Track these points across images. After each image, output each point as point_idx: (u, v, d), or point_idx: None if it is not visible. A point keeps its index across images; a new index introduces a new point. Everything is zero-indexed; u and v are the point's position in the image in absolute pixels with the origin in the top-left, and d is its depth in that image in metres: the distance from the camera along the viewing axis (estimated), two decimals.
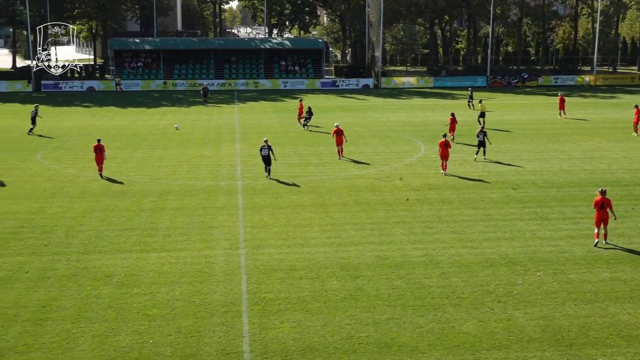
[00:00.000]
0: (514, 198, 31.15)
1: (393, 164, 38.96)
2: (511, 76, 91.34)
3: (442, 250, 24.08)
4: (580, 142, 45.99)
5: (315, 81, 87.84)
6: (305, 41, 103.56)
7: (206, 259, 23.11)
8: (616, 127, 52.92)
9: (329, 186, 33.37)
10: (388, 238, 25.37)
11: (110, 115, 61.99)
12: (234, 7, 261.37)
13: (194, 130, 52.07)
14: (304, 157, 40.81)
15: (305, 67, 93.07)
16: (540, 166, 38.09)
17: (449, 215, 28.34)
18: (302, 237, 25.43)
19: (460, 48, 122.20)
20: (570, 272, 21.99)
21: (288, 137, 48.07)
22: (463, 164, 38.54)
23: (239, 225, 26.96)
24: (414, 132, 50.24)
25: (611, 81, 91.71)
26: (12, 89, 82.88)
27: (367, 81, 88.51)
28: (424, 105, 68.85)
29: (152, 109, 66.31)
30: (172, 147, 44.37)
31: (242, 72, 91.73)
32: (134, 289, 20.65)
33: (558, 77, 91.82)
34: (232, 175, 35.79)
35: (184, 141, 46.78)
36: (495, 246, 24.48)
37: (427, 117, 58.86)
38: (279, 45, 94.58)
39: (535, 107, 66.08)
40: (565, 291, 20.54)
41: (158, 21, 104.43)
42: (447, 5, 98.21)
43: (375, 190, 32.61)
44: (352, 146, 44.29)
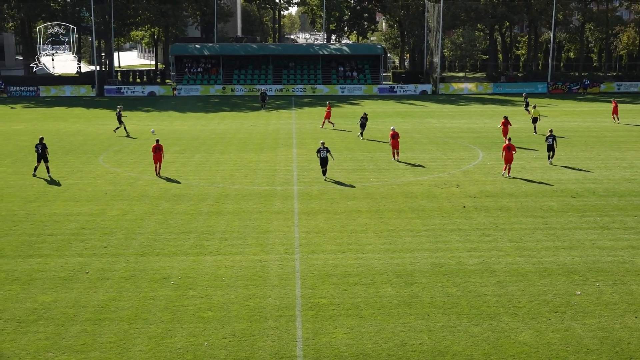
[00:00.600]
0: (573, 206, 30.56)
1: (450, 170, 38.64)
2: (572, 83, 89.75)
3: (498, 258, 23.77)
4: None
5: (373, 87, 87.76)
6: (364, 47, 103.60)
7: (261, 263, 23.28)
8: None
9: (384, 192, 33.27)
10: (444, 245, 25.17)
11: (170, 119, 63.00)
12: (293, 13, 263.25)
13: (251, 135, 52.54)
14: (360, 163, 40.78)
15: (363, 72, 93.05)
16: (601, 174, 37.30)
17: (506, 223, 27.96)
18: (357, 243, 25.41)
19: (521, 54, 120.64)
20: (631, 283, 21.46)
21: (344, 143, 48.11)
22: (521, 171, 37.98)
23: (294, 230, 27.07)
24: (471, 139, 49.75)
25: None
26: (77, 94, 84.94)
27: (425, 87, 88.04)
28: (483, 111, 68.11)
29: (210, 114, 67.16)
30: (230, 152, 44.85)
31: (300, 77, 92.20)
32: (190, 292, 20.92)
33: (621, 84, 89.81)
34: (289, 180, 35.98)
35: (242, 146, 47.24)
36: (553, 255, 24.06)
37: (486, 124, 58.20)
38: (337, 51, 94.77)
39: (596, 114, 64.74)
40: (626, 302, 20.05)
41: (218, 27, 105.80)
42: (508, 11, 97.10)
43: (432, 196, 32.38)
44: (409, 152, 44.09)
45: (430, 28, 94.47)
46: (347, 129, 54.78)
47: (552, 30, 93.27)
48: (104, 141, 49.72)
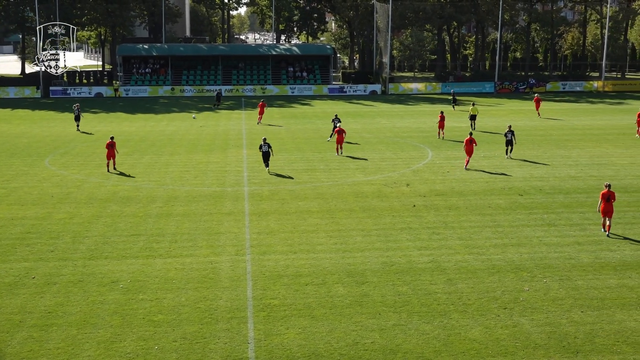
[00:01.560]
0: (520, 204, 31.08)
1: (400, 170, 38.94)
2: (519, 82, 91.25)
3: (448, 256, 24.04)
4: (588, 148, 45.87)
5: (322, 87, 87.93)
6: (313, 47, 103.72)
7: (212, 265, 23.13)
8: (624, 133, 52.76)
9: (335, 192, 33.37)
10: (394, 244, 25.35)
11: (118, 121, 62.19)
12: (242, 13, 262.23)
13: (201, 136, 52.19)
14: (311, 163, 40.83)
15: (313, 73, 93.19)
16: (548, 172, 38.01)
17: (456, 222, 28.30)
18: (308, 243, 25.43)
19: (468, 54, 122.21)
20: (577, 279, 21.91)
21: (295, 143, 48.12)
22: (469, 170, 38.46)
23: (245, 231, 26.98)
24: (421, 139, 50.22)
25: (620, 87, 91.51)
26: (21, 95, 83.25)
27: (375, 87, 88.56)
28: (432, 111, 68.78)
29: (159, 115, 66.51)
30: (179, 153, 44.48)
31: (250, 78, 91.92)
32: (140, 295, 20.67)
33: (566, 83, 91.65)
34: (239, 182, 35.84)
35: (192, 147, 46.89)
36: (501, 252, 24.42)
37: (435, 124, 58.72)
38: (287, 52, 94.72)
39: (542, 113, 65.88)
40: (572, 298, 20.46)
41: (166, 27, 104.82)
42: (456, 11, 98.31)
43: (382, 196, 32.59)
44: (359, 152, 44.31)
45: (379, 28, 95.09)
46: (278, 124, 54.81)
47: (499, 30, 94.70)
48: (50, 143, 48.83)
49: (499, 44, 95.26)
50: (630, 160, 41.58)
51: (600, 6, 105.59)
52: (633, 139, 49.44)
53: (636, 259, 23.74)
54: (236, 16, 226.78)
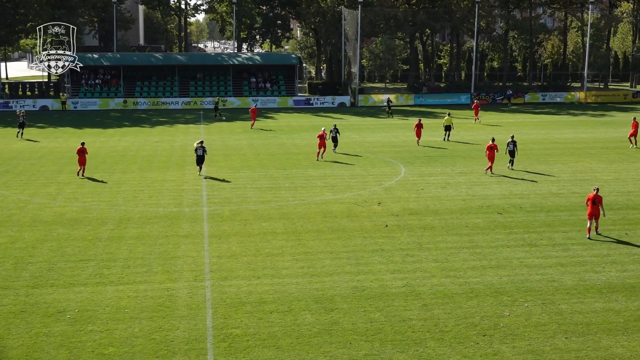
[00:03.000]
0: (500, 223, 31.30)
1: (371, 187, 39.04)
2: (496, 93, 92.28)
3: (423, 280, 24.08)
4: (571, 163, 46.45)
5: (287, 99, 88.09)
6: (277, 56, 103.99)
7: (168, 292, 22.91)
8: (608, 147, 53.55)
9: (302, 212, 33.33)
10: (365, 267, 25.35)
11: (66, 136, 61.62)
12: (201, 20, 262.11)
13: (156, 152, 51.89)
14: (276, 181, 40.78)
15: (277, 84, 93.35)
16: (528, 189, 38.37)
17: (431, 243, 28.40)
18: (273, 268, 25.33)
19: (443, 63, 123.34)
20: (561, 303, 22.07)
21: (258, 159, 48.07)
22: (446, 187, 38.73)
23: (204, 255, 26.80)
24: (393, 154, 50.46)
25: (602, 98, 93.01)
26: None
27: (344, 99, 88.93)
28: (405, 124, 69.23)
29: (110, 130, 66.04)
30: (132, 171, 44.15)
31: (209, 89, 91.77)
32: (89, 326, 20.38)
33: (546, 94, 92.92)
34: (197, 201, 35.65)
35: (146, 164, 46.58)
36: (480, 275, 24.54)
37: (408, 137, 59.13)
38: (249, 61, 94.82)
39: (522, 126, 66.68)
40: (555, 323, 20.60)
41: (118, 35, 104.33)
42: (429, 18, 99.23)
43: (352, 216, 32.62)
44: (327, 168, 44.39)
45: (347, 36, 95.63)
46: (240, 139, 54.76)
47: (475, 38, 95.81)
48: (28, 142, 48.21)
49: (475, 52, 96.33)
50: (614, 175, 42.16)
51: (581, 13, 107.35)
52: (617, 153, 50.17)
53: (622, 281, 24.01)
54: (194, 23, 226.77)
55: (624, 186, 39.18)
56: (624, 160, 47.41)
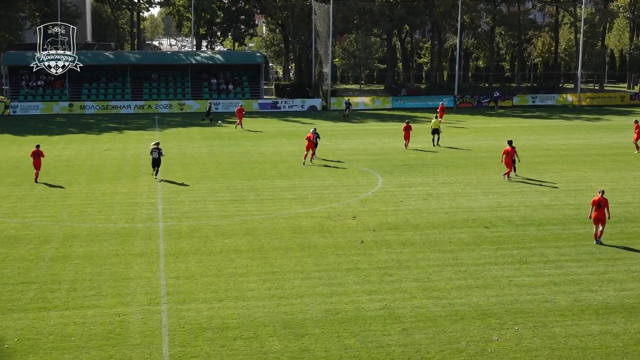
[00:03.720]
0: (487, 238, 31.49)
1: (345, 199, 39.10)
2: (482, 95, 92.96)
3: (403, 301, 24.13)
4: (564, 171, 46.89)
5: (252, 102, 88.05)
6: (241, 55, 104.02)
7: (120, 318, 22.75)
8: (604, 154, 54.15)
9: (268, 227, 33.29)
10: (339, 288, 25.35)
11: (4, 144, 61.10)
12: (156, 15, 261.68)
13: (106, 161, 51.61)
14: (239, 193, 40.71)
15: (241, 85, 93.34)
16: (517, 200, 38.66)
17: (411, 260, 28.48)
18: (237, 289, 25.25)
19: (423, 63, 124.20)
20: (554, 325, 22.22)
21: (220, 169, 47.98)
22: (427, 199, 38.91)
23: (160, 276, 26.66)
24: (369, 162, 50.62)
25: (598, 101, 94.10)
26: None
27: (314, 102, 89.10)
28: (382, 130, 69.49)
29: (54, 137, 65.58)
30: (79, 183, 43.87)
31: (165, 92, 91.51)
32: (30, 357, 20.18)
33: (536, 96, 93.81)
34: (152, 216, 35.48)
35: (95, 175, 46.30)
36: (465, 296, 24.63)
37: (385, 144, 59.39)
38: (209, 60, 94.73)
39: (510, 131, 67.22)
40: (548, 348, 20.73)
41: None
42: (408, 13, 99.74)
43: (324, 231, 32.64)
44: (297, 179, 44.41)
45: (318, 33, 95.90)
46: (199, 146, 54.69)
47: (458, 35, 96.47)
48: None
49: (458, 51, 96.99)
50: (612, 185, 42.60)
51: (574, 7, 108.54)
52: (614, 161, 50.74)
53: (621, 301, 24.23)
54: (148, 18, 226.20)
55: (622, 197, 39.61)
56: (621, 169, 47.96)
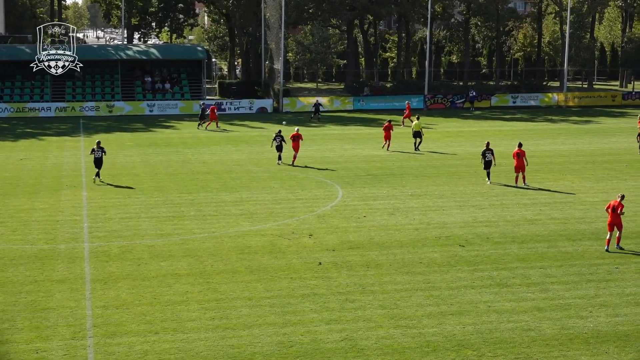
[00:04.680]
0: (462, 258, 31.65)
1: (300, 214, 39.10)
2: (456, 95, 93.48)
3: (367, 331, 24.15)
4: (549, 181, 47.32)
5: (193, 103, 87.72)
6: (179, 49, 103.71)
7: (38, 355, 22.51)
8: (594, 161, 54.80)
9: (212, 247, 33.17)
10: (294, 317, 25.31)
11: None
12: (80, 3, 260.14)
13: (22, 173, 51.09)
14: (178, 208, 40.54)
15: (179, 84, 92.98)
16: (496, 215, 38.94)
17: (376, 284, 28.53)
18: (175, 319, 25.10)
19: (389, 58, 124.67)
20: (539, 357, 22.38)
21: (155, 181, 47.74)
22: (394, 214, 39.04)
23: (85, 305, 26.43)
24: (327, 172, 50.68)
25: (586, 101, 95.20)
26: None
27: (264, 103, 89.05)
28: (342, 135, 69.63)
29: None
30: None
31: (91, 91, 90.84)
32: None
33: (517, 96, 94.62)
34: (77, 236, 35.20)
35: (9, 189, 45.83)
36: (438, 324, 24.72)
37: (346, 151, 59.55)
38: (143, 55, 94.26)
39: (488, 136, 67.56)
40: None
41: None
42: (371, 2, 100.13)
43: (276, 251, 32.59)
44: (244, 191, 44.35)
45: (269, 24, 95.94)
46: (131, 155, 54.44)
47: (429, 26, 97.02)
48: None
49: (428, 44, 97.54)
50: (602, 197, 43.05)
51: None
52: (605, 169, 51.33)
53: (613, 328, 24.47)
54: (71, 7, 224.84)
55: None
56: (613, 178, 48.53)
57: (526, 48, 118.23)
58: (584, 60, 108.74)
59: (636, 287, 28.14)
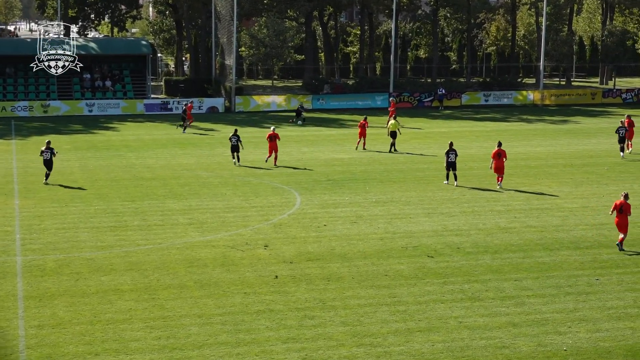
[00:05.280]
0: (431, 270, 31.77)
1: (254, 224, 39.06)
2: (424, 93, 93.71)
3: (328, 350, 24.17)
4: (524, 186, 47.62)
5: (136, 103, 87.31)
6: (121, 43, 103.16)
7: None
8: (573, 164, 55.22)
9: (158, 260, 33.05)
10: (248, 336, 25.28)
11: None
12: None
13: None
14: (120, 217, 40.34)
15: (121, 81, 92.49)
16: (468, 222, 39.13)
17: (338, 299, 28.56)
18: (118, 339, 24.98)
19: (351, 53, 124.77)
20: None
21: (95, 188, 47.49)
22: (357, 222, 39.11)
23: (18, 324, 26.24)
24: (284, 177, 50.67)
25: (564, 99, 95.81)
26: None
27: (215, 102, 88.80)
28: (300, 137, 69.64)
29: None
30: None
31: (24, 90, 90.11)
32: None
33: (490, 94, 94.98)
34: (8, 248, 34.92)
35: None
36: (405, 342, 24.79)
37: (304, 154, 59.55)
38: (81, 50, 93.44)
39: (458, 137, 67.89)
40: None
41: None
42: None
43: (229, 264, 32.54)
44: (194, 198, 44.21)
45: (219, 16, 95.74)
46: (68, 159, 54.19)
47: (394, 18, 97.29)
48: None
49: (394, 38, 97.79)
50: (582, 202, 43.45)
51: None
52: (585, 172, 51.71)
53: (594, 344, 24.67)
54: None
55: (595, 217, 40.41)
56: (593, 182, 48.94)
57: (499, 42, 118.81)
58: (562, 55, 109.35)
59: (618, 300, 28.42)
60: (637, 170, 52.75)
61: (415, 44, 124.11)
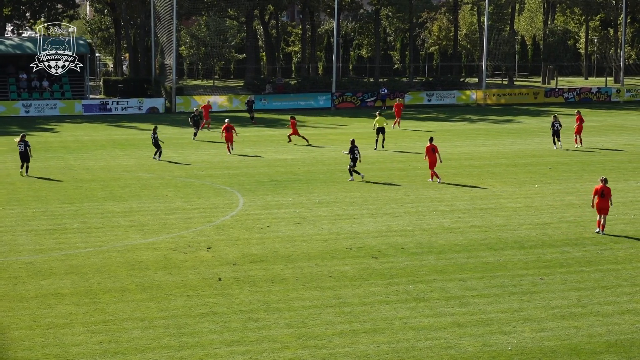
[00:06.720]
0: (375, 271, 31.87)
1: (197, 225, 38.95)
2: (366, 93, 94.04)
3: (272, 353, 24.16)
4: (467, 186, 47.93)
5: (74, 103, 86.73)
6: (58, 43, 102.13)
7: None
8: (516, 164, 55.70)
9: (98, 263, 32.83)
10: (191, 339, 25.19)
11: None
12: None
13: None
14: (59, 220, 40.02)
15: (59, 82, 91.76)
16: (412, 223, 39.32)
17: (282, 301, 28.56)
18: (58, 344, 24.77)
19: (293, 52, 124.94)
20: None
21: (33, 190, 47.06)
22: (301, 223, 39.14)
23: None
24: (226, 178, 50.57)
25: (507, 98, 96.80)
26: None
27: (155, 102, 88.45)
28: (241, 137, 69.49)
29: None
30: None
31: None
32: None
33: (432, 94, 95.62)
34: None
35: None
36: (350, 344, 24.84)
37: (246, 155, 59.42)
38: (17, 49, 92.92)
39: (401, 137, 68.31)
40: None
41: None
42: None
43: (171, 267, 32.42)
44: (134, 201, 43.98)
45: (159, 15, 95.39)
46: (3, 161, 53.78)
47: (336, 17, 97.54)
48: None
49: (335, 37, 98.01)
50: (525, 202, 43.85)
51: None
52: (528, 172, 52.18)
53: (539, 344, 24.90)
54: None
55: (538, 216, 40.80)
56: (537, 182, 49.35)
57: (442, 41, 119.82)
58: (504, 55, 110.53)
59: (562, 300, 28.72)
60: (580, 169, 53.35)
61: (357, 44, 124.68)
